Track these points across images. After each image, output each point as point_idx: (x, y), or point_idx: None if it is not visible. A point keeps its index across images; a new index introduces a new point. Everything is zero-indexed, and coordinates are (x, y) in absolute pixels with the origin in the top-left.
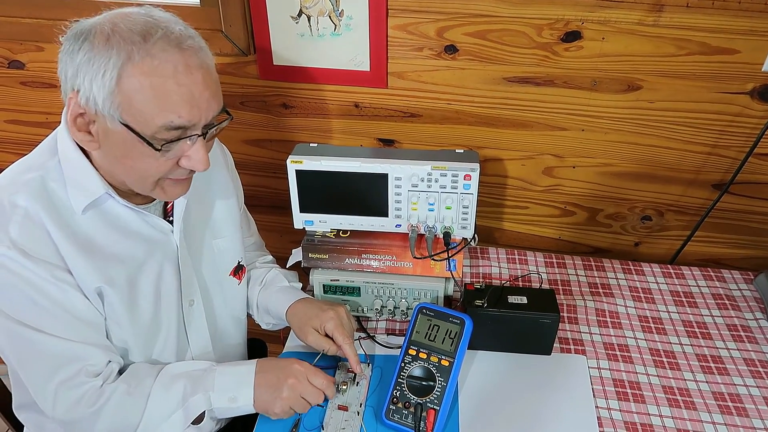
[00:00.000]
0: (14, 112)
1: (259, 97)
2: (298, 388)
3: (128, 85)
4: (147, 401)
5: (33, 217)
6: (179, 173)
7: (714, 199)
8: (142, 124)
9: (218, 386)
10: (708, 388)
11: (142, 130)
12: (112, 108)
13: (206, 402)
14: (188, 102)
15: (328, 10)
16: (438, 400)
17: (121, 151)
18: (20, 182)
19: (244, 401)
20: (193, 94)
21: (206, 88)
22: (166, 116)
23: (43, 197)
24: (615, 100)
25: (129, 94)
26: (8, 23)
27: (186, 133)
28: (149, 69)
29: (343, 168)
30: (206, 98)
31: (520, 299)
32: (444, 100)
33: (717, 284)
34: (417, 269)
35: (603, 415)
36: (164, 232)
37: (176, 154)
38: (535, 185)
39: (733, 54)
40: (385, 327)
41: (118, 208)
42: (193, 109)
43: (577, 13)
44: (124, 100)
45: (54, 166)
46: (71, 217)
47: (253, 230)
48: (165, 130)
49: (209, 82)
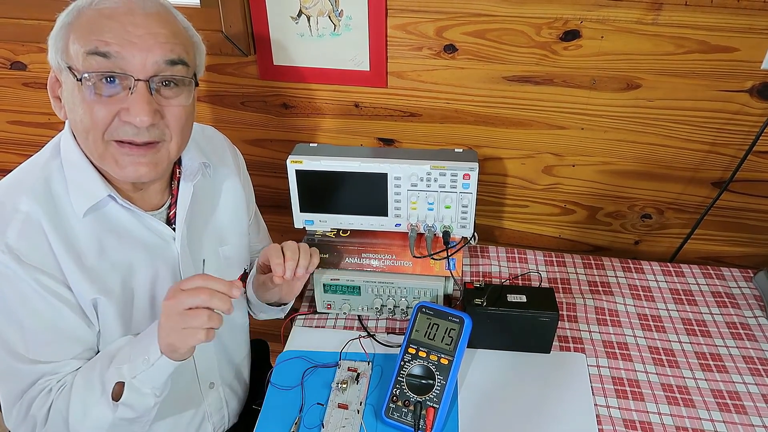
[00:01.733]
0: (16, 113)
1: (260, 97)
2: (173, 304)
3: (72, 29)
4: (71, 390)
5: (34, 223)
6: (123, 132)
7: (714, 197)
8: (75, 60)
9: (133, 355)
10: (707, 386)
11: (75, 65)
12: (60, 56)
13: (118, 374)
14: (119, 34)
15: (327, 10)
16: (437, 399)
17: (70, 105)
18: (24, 185)
19: (155, 356)
20: (127, 30)
21: (148, 30)
22: (92, 42)
23: (47, 201)
24: (614, 99)
25: (70, 36)
26: (10, 24)
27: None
28: (90, 11)
29: (342, 168)
30: (145, 39)
31: (520, 298)
32: (443, 100)
33: (716, 282)
34: (416, 268)
35: (602, 413)
36: (165, 239)
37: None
38: (535, 184)
39: (731, 52)
40: (385, 326)
41: (119, 213)
42: (124, 42)
43: (576, 12)
44: (65, 43)
45: (57, 169)
46: (72, 221)
47: (262, 236)
48: (90, 57)
49: (154, 26)
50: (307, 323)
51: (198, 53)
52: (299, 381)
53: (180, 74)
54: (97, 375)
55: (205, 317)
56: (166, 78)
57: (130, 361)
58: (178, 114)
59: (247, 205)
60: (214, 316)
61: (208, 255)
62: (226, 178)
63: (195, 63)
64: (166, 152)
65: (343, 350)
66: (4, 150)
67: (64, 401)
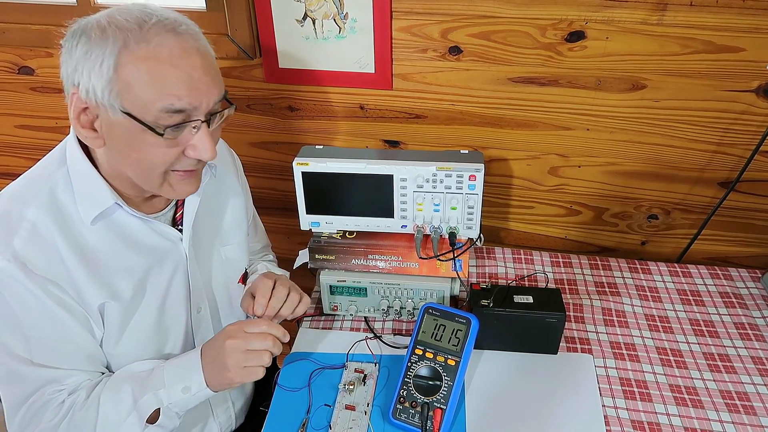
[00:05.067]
0: (24, 117)
1: (265, 100)
2: (239, 344)
3: (125, 72)
4: (98, 410)
5: (41, 231)
6: (186, 164)
7: (720, 197)
8: (142, 110)
9: (168, 381)
10: (715, 386)
11: (143, 116)
12: (112, 97)
13: (156, 400)
14: (187, 84)
15: (332, 13)
16: (445, 400)
17: (125, 143)
18: (30, 194)
19: (197, 387)
20: (191, 77)
21: (205, 72)
22: (166, 99)
23: (53, 209)
24: (620, 100)
25: (127, 80)
26: (18, 30)
27: (188, 118)
28: (145, 53)
29: (348, 169)
30: (206, 82)
31: (526, 299)
32: (448, 101)
33: (724, 282)
34: (423, 269)
35: (610, 414)
36: (173, 241)
37: (181, 143)
38: (541, 185)
39: (737, 52)
40: (391, 327)
41: (126, 218)
42: (192, 91)
43: (581, 13)
44: (122, 87)
45: (63, 177)
46: (80, 229)
47: (260, 236)
48: (166, 114)
49: (207, 67)
50: (314, 325)
51: None
52: (306, 382)
53: (225, 107)
54: (129, 398)
55: (267, 358)
56: (217, 112)
57: (166, 387)
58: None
59: (246, 209)
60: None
61: (212, 255)
62: (227, 179)
63: None
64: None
65: (350, 352)
66: (12, 154)
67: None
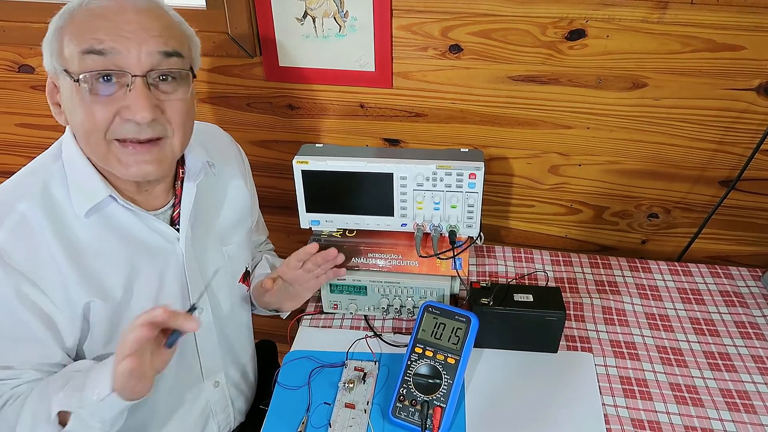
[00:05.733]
0: (24, 115)
1: (265, 99)
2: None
3: (64, 32)
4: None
5: (31, 225)
6: (125, 130)
7: (721, 196)
8: (71, 62)
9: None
10: (716, 385)
11: (71, 68)
12: (55, 61)
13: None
14: (112, 31)
15: (332, 11)
16: (444, 398)
17: (69, 109)
18: (24, 186)
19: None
20: (118, 25)
21: (140, 24)
22: (87, 42)
23: (46, 203)
24: (620, 98)
25: (64, 39)
26: (18, 28)
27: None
28: (81, 12)
29: (348, 168)
30: (138, 33)
31: (526, 297)
32: (449, 100)
33: (725, 281)
34: (423, 268)
35: (610, 413)
36: (169, 240)
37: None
38: (541, 183)
39: (738, 50)
40: (391, 326)
41: (121, 213)
42: (118, 38)
43: (582, 11)
44: (59, 46)
45: (57, 170)
46: (72, 223)
47: (262, 229)
48: (86, 56)
49: (145, 19)
50: (314, 323)
51: (193, 45)
52: (306, 381)
53: (177, 67)
54: (48, 397)
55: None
56: (163, 72)
57: (82, 391)
58: (179, 108)
59: (251, 206)
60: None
61: (212, 255)
62: (230, 177)
63: (191, 55)
64: (170, 148)
65: (350, 350)
66: (12, 153)
67: (14, 413)
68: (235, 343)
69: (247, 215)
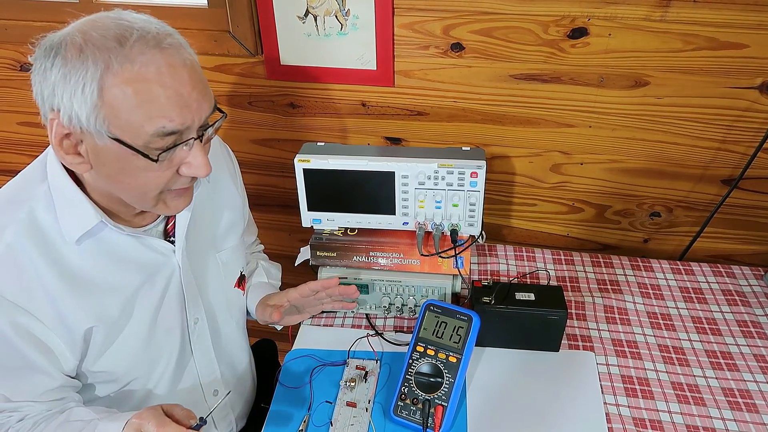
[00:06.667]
0: (27, 114)
1: (267, 97)
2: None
3: (111, 96)
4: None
5: (16, 254)
6: (180, 182)
7: (723, 195)
8: (132, 135)
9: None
10: (717, 384)
11: (133, 141)
12: (98, 123)
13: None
14: (177, 104)
15: (334, 9)
16: (446, 397)
17: (116, 169)
18: (8, 214)
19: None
20: (181, 95)
21: (194, 87)
22: (157, 122)
23: (33, 231)
24: (622, 97)
25: (113, 104)
26: (20, 27)
27: (181, 139)
28: (131, 75)
29: (350, 166)
30: (195, 97)
31: (528, 296)
32: (450, 98)
33: (727, 280)
34: (424, 267)
35: (611, 412)
36: (165, 254)
37: (174, 163)
38: (543, 182)
39: (741, 48)
40: (393, 324)
41: (113, 236)
42: (183, 110)
43: (584, 9)
44: (109, 112)
45: (44, 194)
46: (63, 249)
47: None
48: (158, 138)
49: (196, 81)
50: (315, 322)
51: None
52: (307, 379)
53: (216, 118)
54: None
55: None
56: (209, 125)
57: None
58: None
59: (243, 209)
60: None
61: (207, 263)
62: (222, 183)
63: None
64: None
65: (351, 348)
66: (14, 151)
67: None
68: (231, 350)
69: (239, 218)
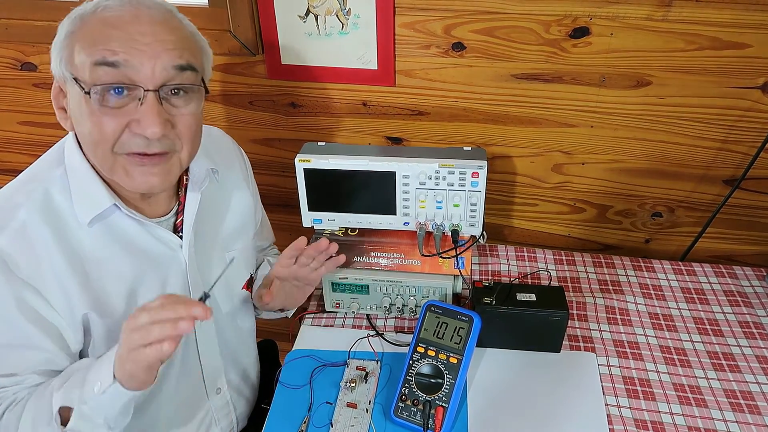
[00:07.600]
0: (27, 113)
1: (268, 97)
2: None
3: (74, 38)
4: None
5: (30, 232)
6: (134, 144)
7: (725, 195)
8: (81, 70)
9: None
10: (719, 385)
11: (81, 76)
12: (62, 65)
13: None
14: (126, 41)
15: (335, 9)
16: (447, 398)
17: (76, 117)
18: (24, 193)
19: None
20: (133, 37)
21: (153, 33)
22: (99, 53)
23: (47, 211)
24: (624, 96)
25: (72, 41)
26: (20, 26)
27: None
28: (93, 17)
29: (351, 166)
30: (150, 42)
31: (529, 296)
32: (452, 98)
33: (729, 281)
34: (425, 267)
35: (613, 413)
36: (172, 248)
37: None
38: (544, 182)
39: (743, 48)
40: (393, 325)
41: (124, 222)
42: (131, 50)
43: (585, 9)
44: (69, 52)
45: (60, 177)
46: (74, 231)
47: (267, 233)
48: (98, 68)
49: (161, 31)
50: (316, 322)
51: (206, 58)
52: (308, 380)
53: (189, 81)
54: (48, 396)
55: (154, 333)
56: (176, 86)
57: (82, 386)
58: (189, 122)
59: (254, 212)
60: (158, 332)
61: (214, 262)
62: (234, 184)
63: (203, 68)
64: (177, 161)
65: (352, 349)
66: (15, 150)
67: (14, 417)
68: (237, 350)
69: (250, 221)
